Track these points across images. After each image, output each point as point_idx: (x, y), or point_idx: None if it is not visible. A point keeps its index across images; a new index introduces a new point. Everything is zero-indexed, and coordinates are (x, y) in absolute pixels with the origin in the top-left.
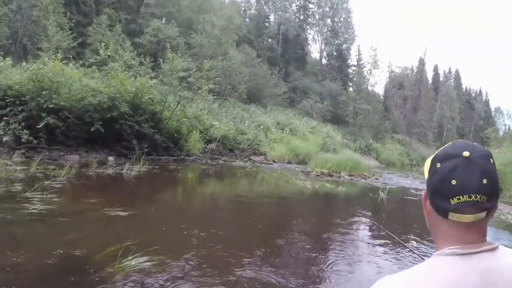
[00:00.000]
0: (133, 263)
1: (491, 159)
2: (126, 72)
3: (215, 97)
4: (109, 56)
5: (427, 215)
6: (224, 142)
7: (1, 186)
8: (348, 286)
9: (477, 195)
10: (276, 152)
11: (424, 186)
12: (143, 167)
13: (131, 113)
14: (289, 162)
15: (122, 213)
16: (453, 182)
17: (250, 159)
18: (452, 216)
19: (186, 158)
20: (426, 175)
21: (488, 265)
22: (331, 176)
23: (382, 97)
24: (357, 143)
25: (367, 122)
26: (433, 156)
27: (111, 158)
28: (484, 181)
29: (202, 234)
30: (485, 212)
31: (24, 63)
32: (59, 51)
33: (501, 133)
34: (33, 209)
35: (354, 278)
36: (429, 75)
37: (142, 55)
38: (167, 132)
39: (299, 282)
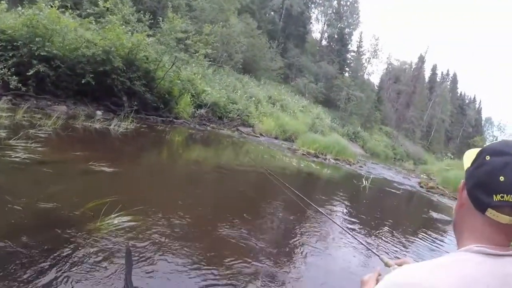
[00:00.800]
0: (115, 221)
1: None
2: (123, 27)
3: (210, 63)
4: (107, 8)
5: (459, 208)
6: (214, 109)
7: None
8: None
9: None
10: (265, 125)
11: (406, 181)
12: (131, 125)
13: (124, 68)
14: (276, 138)
15: (106, 169)
16: (501, 178)
17: (238, 129)
18: (490, 212)
19: (175, 120)
20: (467, 165)
21: (511, 271)
22: (317, 157)
23: (376, 87)
24: (345, 129)
25: (358, 110)
26: (480, 149)
27: (99, 113)
28: None
29: (185, 198)
30: None
31: (19, 8)
32: None
33: (488, 143)
34: (15, 157)
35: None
36: (427, 73)
37: (141, 12)
38: (158, 92)
39: (271, 249)
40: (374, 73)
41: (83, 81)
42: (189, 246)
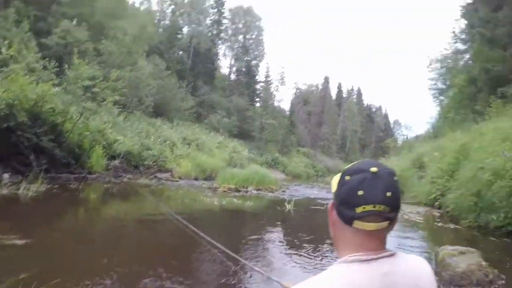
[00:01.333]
0: None
1: (395, 177)
2: (27, 76)
3: (120, 109)
4: (11, 56)
5: (332, 225)
6: (128, 158)
7: None
8: None
9: (381, 205)
10: (183, 168)
11: (329, 196)
12: (41, 187)
13: (30, 123)
14: (195, 179)
15: (18, 242)
16: (360, 193)
17: (155, 176)
18: (357, 224)
19: (88, 176)
20: (334, 188)
21: (387, 270)
22: (238, 191)
23: (288, 113)
24: (263, 157)
25: (273, 137)
26: (343, 171)
27: (6, 176)
28: (388, 194)
29: (107, 260)
30: (387, 222)
31: None
32: None
33: (400, 142)
34: None
35: None
36: (333, 92)
37: (47, 58)
38: (68, 147)
39: None
40: (284, 100)
41: None
42: None
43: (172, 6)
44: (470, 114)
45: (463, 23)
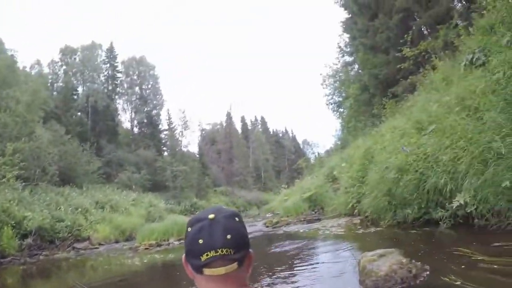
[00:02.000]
0: None
1: (236, 218)
2: None
3: (24, 184)
4: None
5: (193, 278)
6: (41, 234)
7: None
8: None
9: (223, 249)
10: (100, 233)
11: (255, 228)
12: None
13: None
14: (116, 241)
15: None
16: (200, 241)
17: (74, 248)
18: (206, 271)
19: (2, 260)
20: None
21: None
22: (160, 245)
23: (197, 155)
24: (181, 205)
25: (187, 183)
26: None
27: None
28: (228, 236)
29: None
30: (236, 263)
31: None
32: None
33: (312, 160)
34: None
35: None
36: (238, 126)
37: None
38: None
39: None
40: (191, 143)
41: None
42: None
43: (64, 67)
44: (370, 119)
45: (346, 36)
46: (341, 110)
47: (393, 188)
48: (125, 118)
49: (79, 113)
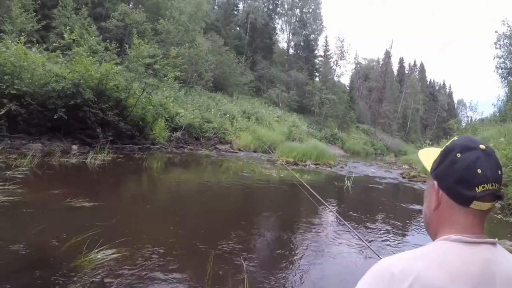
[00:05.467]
0: (99, 256)
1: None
2: (91, 57)
3: (181, 84)
4: (74, 40)
5: (435, 208)
6: (189, 131)
7: None
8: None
9: (496, 184)
10: (242, 140)
11: (388, 175)
12: (107, 156)
13: (96, 100)
14: (254, 151)
15: (86, 204)
16: (479, 171)
17: (216, 148)
18: (475, 204)
19: (151, 146)
20: (429, 165)
21: (489, 257)
22: (297, 165)
23: (347, 88)
24: (322, 133)
25: (333, 112)
26: (440, 149)
27: (74, 147)
28: (499, 172)
29: (168, 224)
30: (498, 201)
31: None
32: (23, 34)
33: (463, 124)
34: None
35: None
36: (395, 67)
37: (108, 40)
38: (132, 120)
39: (263, 271)
40: (344, 74)
41: (55, 117)
42: (173, 275)
43: None
44: None
45: None
46: (511, 78)
47: None
48: (282, 38)
49: (238, 28)
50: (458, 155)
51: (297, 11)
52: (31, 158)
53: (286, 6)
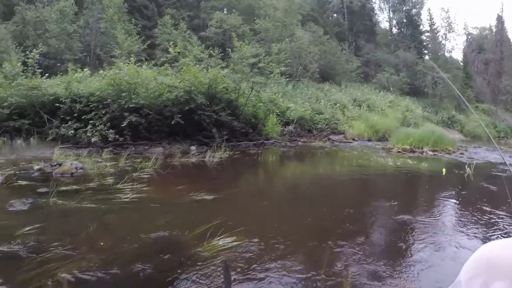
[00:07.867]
0: (220, 243)
1: None
2: (197, 65)
3: (287, 79)
4: (179, 53)
5: None
6: (301, 123)
7: (95, 180)
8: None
9: None
10: (355, 129)
11: None
12: (224, 154)
13: (208, 103)
14: (369, 140)
15: (207, 197)
16: None
17: (329, 139)
18: None
19: (265, 141)
20: None
21: None
22: (413, 152)
23: (461, 64)
24: (439, 116)
25: (448, 92)
26: None
27: (193, 148)
28: None
29: (286, 216)
30: None
31: (101, 71)
32: (131, 55)
33: None
34: (125, 198)
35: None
36: (511, 33)
37: (210, 47)
38: (244, 118)
39: (382, 269)
40: (455, 49)
41: (172, 122)
42: (289, 263)
43: None
44: None
45: None
46: None
47: None
48: (383, 18)
49: (335, 15)
50: None
51: None
52: (154, 161)
53: None
